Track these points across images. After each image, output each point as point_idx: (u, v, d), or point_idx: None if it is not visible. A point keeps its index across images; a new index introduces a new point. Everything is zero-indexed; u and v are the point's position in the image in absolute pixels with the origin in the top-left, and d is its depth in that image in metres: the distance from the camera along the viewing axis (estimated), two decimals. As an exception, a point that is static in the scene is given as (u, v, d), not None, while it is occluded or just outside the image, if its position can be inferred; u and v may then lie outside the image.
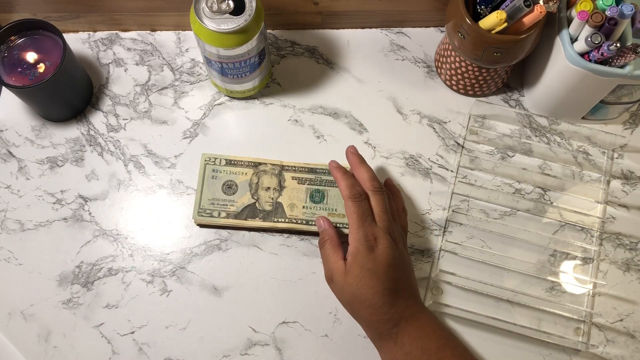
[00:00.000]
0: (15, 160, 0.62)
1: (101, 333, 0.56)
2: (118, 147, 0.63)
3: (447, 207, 0.61)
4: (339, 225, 0.57)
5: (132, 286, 0.57)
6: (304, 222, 0.58)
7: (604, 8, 0.52)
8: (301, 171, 0.60)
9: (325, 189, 0.59)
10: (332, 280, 0.51)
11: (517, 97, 0.66)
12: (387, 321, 0.49)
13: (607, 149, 0.64)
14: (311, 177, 0.59)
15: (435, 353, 0.48)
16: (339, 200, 0.58)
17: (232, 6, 0.53)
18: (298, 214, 0.58)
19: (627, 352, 0.56)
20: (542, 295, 0.58)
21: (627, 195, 0.62)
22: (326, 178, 0.59)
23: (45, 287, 0.57)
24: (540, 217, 0.61)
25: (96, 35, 0.68)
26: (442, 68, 0.65)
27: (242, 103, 0.65)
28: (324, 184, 0.59)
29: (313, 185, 0.59)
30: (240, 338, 0.56)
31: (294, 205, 0.58)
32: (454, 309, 0.56)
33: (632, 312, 0.58)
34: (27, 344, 0.55)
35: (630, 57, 0.52)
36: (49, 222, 0.59)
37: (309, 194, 0.59)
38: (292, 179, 0.59)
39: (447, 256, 0.59)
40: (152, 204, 0.61)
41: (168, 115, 0.64)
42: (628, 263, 0.59)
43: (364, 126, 0.64)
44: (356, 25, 0.68)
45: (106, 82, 0.65)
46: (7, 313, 0.56)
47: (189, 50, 0.67)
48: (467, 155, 0.63)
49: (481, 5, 0.56)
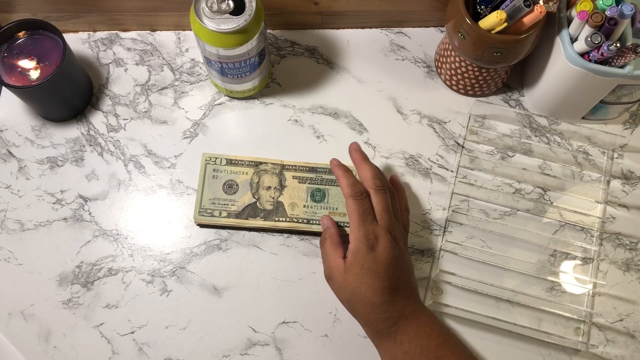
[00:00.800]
0: (15, 160, 0.62)
1: (101, 333, 0.56)
2: (118, 147, 0.63)
3: (447, 207, 0.61)
4: (340, 224, 0.57)
5: (132, 286, 0.57)
6: (305, 221, 0.58)
7: (604, 8, 0.52)
8: (302, 170, 0.60)
9: (326, 188, 0.59)
10: (332, 279, 0.51)
11: (517, 97, 0.66)
12: (386, 320, 0.49)
13: (607, 149, 0.64)
14: (312, 176, 0.59)
15: (434, 351, 0.48)
16: (339, 199, 0.59)
17: (232, 6, 0.53)
18: (299, 213, 0.58)
19: (627, 352, 0.56)
20: (542, 295, 0.58)
21: (627, 195, 0.62)
22: (327, 177, 0.59)
23: (45, 287, 0.57)
24: (540, 217, 0.61)
25: (96, 35, 0.68)
26: (442, 68, 0.65)
27: (242, 103, 0.65)
28: (324, 183, 0.59)
29: (314, 184, 0.59)
30: (240, 338, 0.56)
31: (295, 205, 0.58)
32: (454, 309, 0.56)
33: (632, 312, 0.58)
34: (27, 344, 0.55)
35: (630, 57, 0.52)
36: (49, 222, 0.59)
37: (310, 193, 0.59)
38: (293, 178, 0.59)
39: (447, 256, 0.59)
40: (152, 204, 0.61)
41: (168, 115, 0.64)
42: (628, 263, 0.59)
43: (364, 126, 0.64)
44: (356, 25, 0.68)
45: (106, 82, 0.65)
46: (7, 313, 0.56)
47: (189, 50, 0.67)
48: (467, 155, 0.63)
49: (481, 5, 0.56)
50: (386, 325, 0.49)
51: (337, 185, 0.59)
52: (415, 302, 0.51)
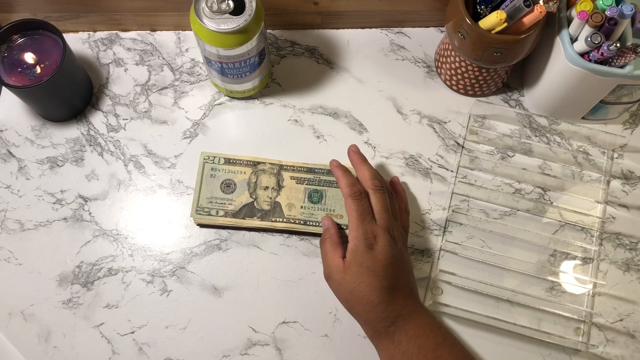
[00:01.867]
0: (15, 160, 0.62)
1: (101, 333, 0.56)
2: (118, 147, 0.63)
3: (447, 207, 0.61)
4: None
5: (132, 286, 0.57)
6: (302, 222, 0.58)
7: (604, 8, 0.52)
8: (300, 171, 0.59)
9: (323, 189, 0.59)
10: (331, 278, 0.51)
11: (517, 97, 0.66)
12: (384, 319, 0.49)
13: (607, 149, 0.64)
14: (310, 177, 0.59)
15: (433, 351, 0.48)
16: (337, 201, 0.58)
17: (232, 6, 0.53)
18: (296, 214, 0.58)
19: (627, 352, 0.56)
20: (542, 295, 0.58)
21: (627, 195, 0.62)
22: (325, 178, 0.59)
23: (45, 287, 0.57)
24: (540, 217, 0.61)
25: (96, 35, 0.68)
26: (442, 68, 0.65)
27: (242, 103, 0.65)
28: (322, 184, 0.59)
29: (311, 185, 0.59)
30: (240, 338, 0.56)
31: (292, 205, 0.58)
32: (454, 309, 0.56)
33: (632, 312, 0.58)
34: (27, 344, 0.55)
35: (630, 57, 0.52)
36: (49, 222, 0.59)
37: (307, 194, 0.59)
38: (291, 179, 0.59)
39: (447, 256, 0.59)
40: (152, 204, 0.61)
41: (168, 115, 0.64)
42: (628, 263, 0.59)
43: (364, 126, 0.64)
44: (356, 25, 0.68)
45: (106, 82, 0.65)
46: (7, 313, 0.56)
47: (189, 50, 0.67)
48: (467, 155, 0.63)
49: (481, 5, 0.56)
50: (384, 325, 0.49)
51: (335, 187, 0.59)
52: (414, 303, 0.51)
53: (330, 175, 0.59)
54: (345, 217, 0.57)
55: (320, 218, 0.58)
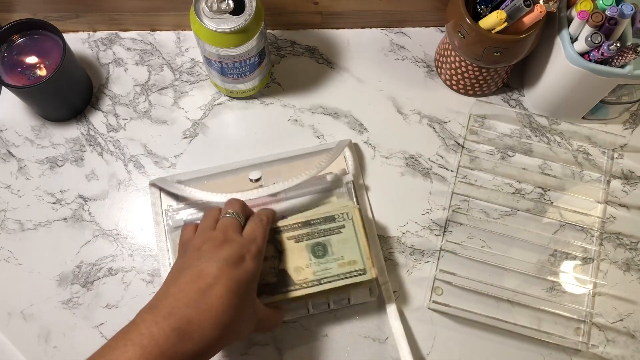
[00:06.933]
0: (15, 160, 0.62)
1: (101, 333, 0.56)
2: (118, 147, 0.63)
3: (447, 207, 0.61)
4: (350, 273, 0.52)
5: (132, 286, 0.57)
6: (316, 282, 0.52)
7: (604, 8, 0.52)
8: (295, 228, 0.54)
9: (326, 239, 0.53)
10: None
11: (517, 97, 0.66)
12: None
13: (607, 149, 0.64)
14: (307, 231, 0.54)
15: None
16: (344, 246, 0.53)
17: (232, 6, 0.53)
18: (307, 276, 0.52)
19: (627, 352, 0.56)
20: (542, 295, 0.58)
21: (627, 195, 0.62)
22: (323, 227, 0.54)
23: (45, 287, 0.57)
24: (540, 217, 0.61)
25: (96, 35, 0.68)
26: (442, 68, 0.65)
27: (242, 103, 0.65)
28: (322, 234, 0.53)
29: (312, 239, 0.53)
30: (240, 338, 0.56)
31: (300, 268, 0.52)
32: (454, 308, 0.56)
33: (632, 312, 0.58)
34: (27, 344, 0.55)
35: (630, 57, 0.52)
36: (49, 222, 0.59)
37: (311, 250, 0.53)
38: (288, 240, 0.53)
39: (447, 256, 0.59)
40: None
41: (168, 115, 0.64)
42: (628, 263, 0.59)
43: (364, 126, 0.64)
44: (356, 25, 0.68)
45: (106, 82, 0.65)
46: (7, 313, 0.56)
47: (189, 50, 0.67)
48: (467, 155, 0.63)
49: (481, 5, 0.56)
50: None
51: (337, 233, 0.54)
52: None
53: (329, 222, 0.54)
54: (358, 262, 0.52)
55: (334, 271, 0.52)
